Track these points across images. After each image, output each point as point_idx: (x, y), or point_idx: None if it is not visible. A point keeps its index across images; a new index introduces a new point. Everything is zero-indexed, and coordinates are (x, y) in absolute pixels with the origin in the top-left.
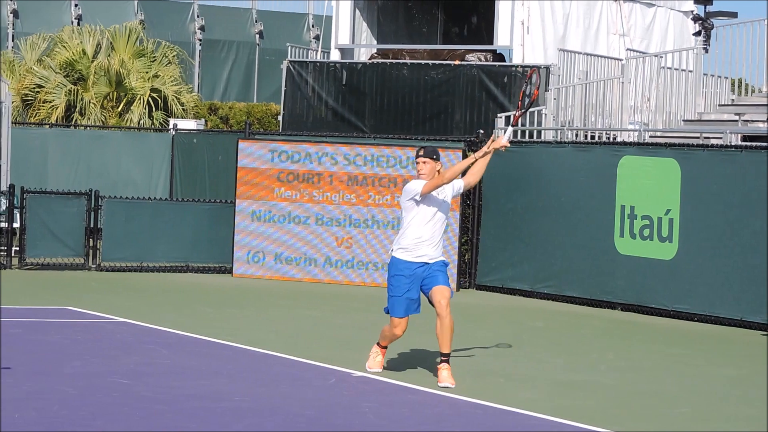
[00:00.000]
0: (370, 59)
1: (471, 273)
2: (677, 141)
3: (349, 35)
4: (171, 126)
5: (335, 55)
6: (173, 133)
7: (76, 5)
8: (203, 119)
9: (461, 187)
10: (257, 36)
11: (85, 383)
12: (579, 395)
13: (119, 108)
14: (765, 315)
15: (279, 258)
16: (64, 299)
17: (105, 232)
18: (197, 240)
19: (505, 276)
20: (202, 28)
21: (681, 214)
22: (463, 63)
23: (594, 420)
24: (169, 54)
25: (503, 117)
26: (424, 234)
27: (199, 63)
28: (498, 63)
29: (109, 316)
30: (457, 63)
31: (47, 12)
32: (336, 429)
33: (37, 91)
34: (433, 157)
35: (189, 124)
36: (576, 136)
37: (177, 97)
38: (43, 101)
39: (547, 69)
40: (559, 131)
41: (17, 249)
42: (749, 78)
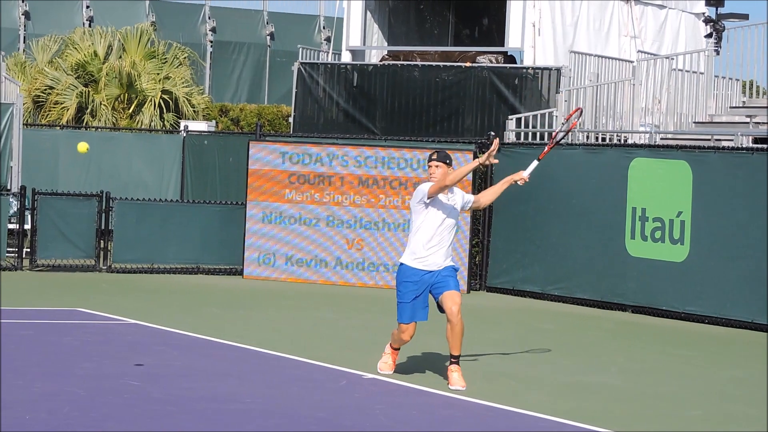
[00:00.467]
0: (381, 61)
1: (482, 275)
2: (688, 143)
3: (361, 37)
4: (182, 128)
5: (346, 57)
6: (184, 135)
7: (87, 7)
8: (214, 121)
9: (470, 202)
10: (268, 38)
11: (96, 385)
12: (589, 397)
13: (130, 109)
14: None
15: (290, 260)
16: (74, 301)
17: (116, 233)
18: (208, 241)
19: (516, 278)
20: (213, 29)
21: (692, 216)
22: (474, 65)
23: (605, 422)
24: (180, 56)
25: (513, 119)
26: (432, 239)
27: (210, 65)
28: (509, 65)
29: (120, 317)
30: (468, 65)
31: (59, 13)
32: (346, 431)
33: (49, 93)
34: (446, 161)
35: (200, 125)
36: (587, 138)
37: (188, 99)
38: (55, 103)
39: (558, 71)
40: (570, 133)
41: (28, 250)
42: (760, 80)
